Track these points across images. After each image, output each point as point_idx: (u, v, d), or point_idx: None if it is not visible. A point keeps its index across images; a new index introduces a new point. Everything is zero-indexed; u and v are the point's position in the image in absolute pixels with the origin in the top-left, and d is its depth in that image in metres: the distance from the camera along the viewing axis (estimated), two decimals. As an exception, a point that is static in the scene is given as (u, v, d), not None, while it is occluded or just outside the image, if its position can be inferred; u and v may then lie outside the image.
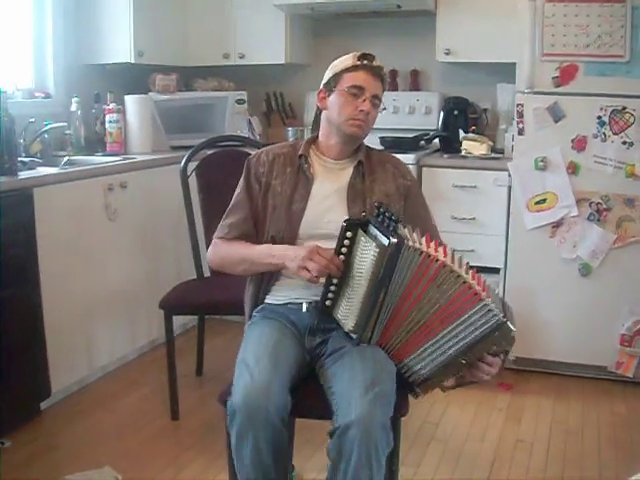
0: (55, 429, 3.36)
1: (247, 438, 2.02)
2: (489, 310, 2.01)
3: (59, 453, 3.16)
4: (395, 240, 2.01)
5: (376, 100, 2.38)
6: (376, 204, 2.18)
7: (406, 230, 2.13)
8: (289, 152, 2.49)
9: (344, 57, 2.42)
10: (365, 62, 2.37)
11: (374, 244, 2.05)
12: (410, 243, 2.05)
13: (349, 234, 2.13)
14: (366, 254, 2.08)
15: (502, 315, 2.02)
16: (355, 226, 2.13)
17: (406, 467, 2.95)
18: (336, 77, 2.40)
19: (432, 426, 3.41)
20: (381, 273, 2.04)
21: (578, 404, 3.64)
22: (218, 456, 2.89)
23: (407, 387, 2.29)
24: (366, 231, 2.11)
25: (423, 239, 2.10)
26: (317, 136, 2.51)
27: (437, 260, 2.04)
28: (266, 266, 2.33)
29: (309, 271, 2.15)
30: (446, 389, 2.19)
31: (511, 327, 2.02)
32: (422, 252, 2.05)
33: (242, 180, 2.50)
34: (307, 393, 2.21)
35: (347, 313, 2.14)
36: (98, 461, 3.04)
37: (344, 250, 2.14)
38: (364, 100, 2.35)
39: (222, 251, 2.46)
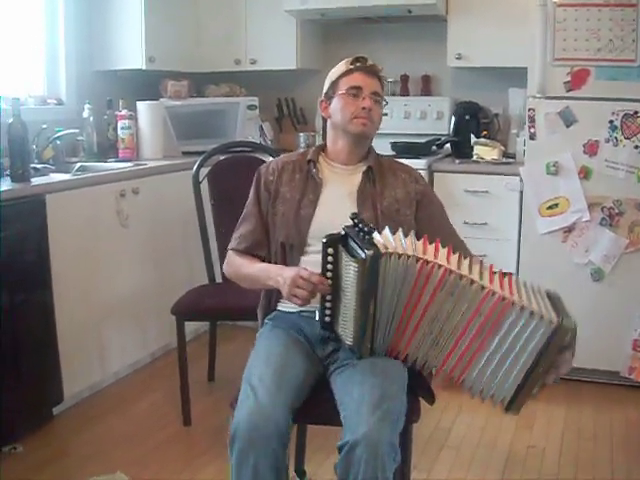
0: (67, 434, 3.37)
1: (247, 462, 1.99)
2: (532, 313, 1.91)
3: (71, 458, 3.17)
4: (371, 252, 1.95)
5: (377, 97, 2.39)
6: (350, 215, 2.11)
7: (399, 235, 2.07)
8: (299, 160, 2.50)
9: (338, 65, 2.46)
10: (359, 64, 2.40)
11: (353, 259, 2.00)
12: (393, 251, 1.99)
13: (330, 250, 2.09)
14: (348, 269, 2.03)
15: (554, 315, 1.92)
16: (335, 241, 2.09)
17: (418, 473, 2.95)
18: (334, 84, 2.43)
19: (444, 432, 3.41)
20: (365, 286, 1.99)
21: (590, 410, 3.63)
22: (230, 462, 2.89)
23: (419, 393, 2.29)
24: (346, 245, 2.07)
25: (419, 243, 2.05)
26: (326, 144, 2.52)
27: (440, 266, 1.98)
28: (268, 286, 2.34)
29: (298, 297, 2.14)
30: (535, 395, 2.04)
31: (568, 325, 1.90)
32: (419, 259, 1.99)
33: (252, 190, 2.51)
34: (318, 400, 2.20)
35: (344, 328, 2.10)
36: (110, 466, 3.04)
37: (330, 267, 2.10)
38: (364, 98, 2.36)
39: (232, 267, 2.48)
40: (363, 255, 1.97)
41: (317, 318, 2.19)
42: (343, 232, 2.08)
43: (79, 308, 3.55)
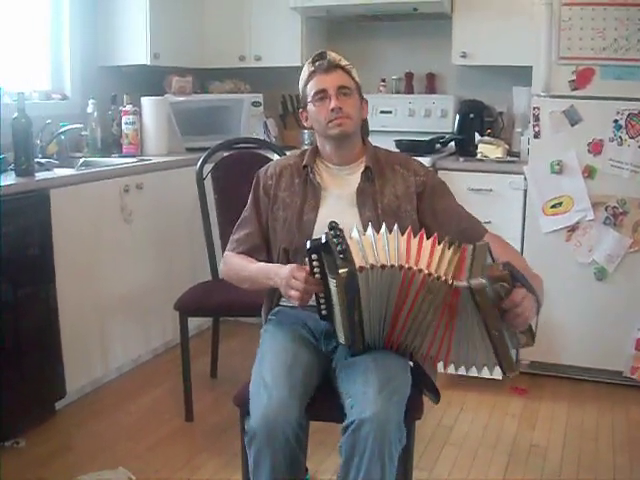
0: (69, 429, 3.37)
1: (265, 458, 2.02)
2: (460, 288, 1.96)
3: (73, 453, 3.17)
4: (345, 270, 1.98)
5: (344, 90, 2.36)
6: (328, 225, 2.09)
7: (382, 236, 2.09)
8: (297, 163, 2.48)
9: (303, 69, 2.45)
10: (317, 64, 2.39)
11: (331, 275, 2.02)
12: (375, 263, 2.01)
13: (314, 256, 2.08)
14: (330, 281, 2.04)
15: (466, 280, 1.95)
16: (317, 248, 2.06)
17: (420, 470, 2.95)
18: (303, 93, 2.45)
19: (446, 430, 3.41)
20: (346, 300, 2.01)
21: (593, 409, 3.63)
22: (232, 458, 2.89)
23: (424, 390, 2.29)
24: (329, 253, 2.04)
25: (403, 241, 2.07)
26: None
27: (420, 271, 2.00)
28: (267, 285, 2.33)
29: (294, 298, 2.15)
30: (529, 343, 2.08)
31: (475, 283, 1.93)
32: (401, 267, 2.01)
33: (251, 194, 2.51)
34: (321, 396, 2.20)
35: (338, 329, 2.12)
36: (112, 462, 3.05)
37: (317, 270, 2.09)
38: (330, 99, 2.34)
39: (231, 269, 2.50)
40: (339, 271, 1.99)
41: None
42: (324, 239, 2.06)
43: (82, 303, 3.55)
